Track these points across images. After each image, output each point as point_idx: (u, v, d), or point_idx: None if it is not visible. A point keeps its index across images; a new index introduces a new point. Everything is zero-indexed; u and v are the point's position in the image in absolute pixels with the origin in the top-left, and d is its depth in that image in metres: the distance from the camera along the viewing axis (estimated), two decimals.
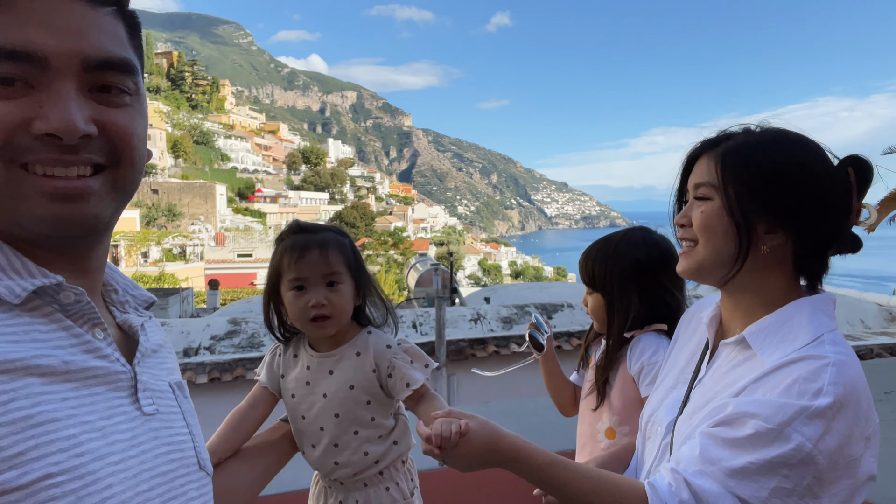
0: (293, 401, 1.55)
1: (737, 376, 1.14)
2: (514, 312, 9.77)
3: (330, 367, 1.52)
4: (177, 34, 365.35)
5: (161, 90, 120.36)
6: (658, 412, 1.33)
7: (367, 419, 1.51)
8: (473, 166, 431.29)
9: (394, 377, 1.50)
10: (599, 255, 1.83)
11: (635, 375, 1.72)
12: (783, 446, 0.98)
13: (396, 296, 32.52)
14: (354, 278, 1.52)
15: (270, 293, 1.55)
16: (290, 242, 1.50)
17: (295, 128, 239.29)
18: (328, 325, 1.47)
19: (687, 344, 1.40)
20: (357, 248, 1.59)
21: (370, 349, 1.52)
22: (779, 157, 1.14)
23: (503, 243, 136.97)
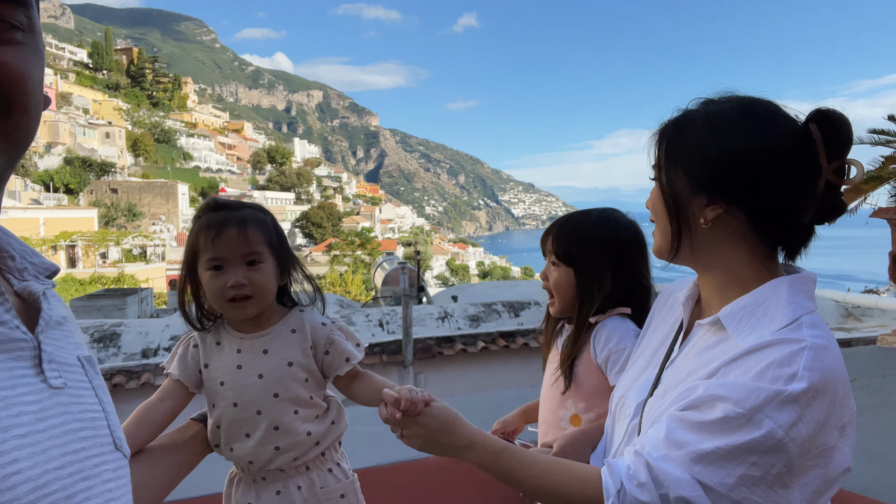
0: (222, 389, 1.46)
1: (710, 358, 1.10)
2: (482, 310, 9.74)
3: (264, 347, 1.46)
4: (137, 30, 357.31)
5: (121, 87, 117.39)
6: (629, 393, 1.29)
7: (307, 397, 1.46)
8: (441, 167, 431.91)
9: (331, 353, 1.47)
10: (578, 227, 1.73)
11: (602, 364, 1.64)
12: (753, 432, 0.93)
13: (364, 296, 32.30)
14: (277, 258, 1.47)
15: (187, 275, 1.47)
16: (207, 220, 1.43)
17: (260, 127, 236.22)
18: (248, 306, 1.42)
19: (662, 324, 1.36)
20: (280, 226, 1.53)
21: (306, 326, 1.48)
22: (714, 131, 1.10)
23: (471, 244, 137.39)
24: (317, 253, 68.64)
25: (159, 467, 1.40)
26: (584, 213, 1.78)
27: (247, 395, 1.44)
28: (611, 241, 1.70)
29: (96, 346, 8.05)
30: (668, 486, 0.98)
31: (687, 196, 1.12)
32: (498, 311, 9.69)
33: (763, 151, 1.07)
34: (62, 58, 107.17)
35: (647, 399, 1.21)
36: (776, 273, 1.13)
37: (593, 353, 1.65)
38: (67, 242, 35.84)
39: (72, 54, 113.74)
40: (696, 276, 1.26)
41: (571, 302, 1.72)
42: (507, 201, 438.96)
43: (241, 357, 1.46)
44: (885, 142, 4.12)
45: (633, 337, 1.57)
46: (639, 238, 1.74)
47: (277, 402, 1.44)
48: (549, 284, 1.74)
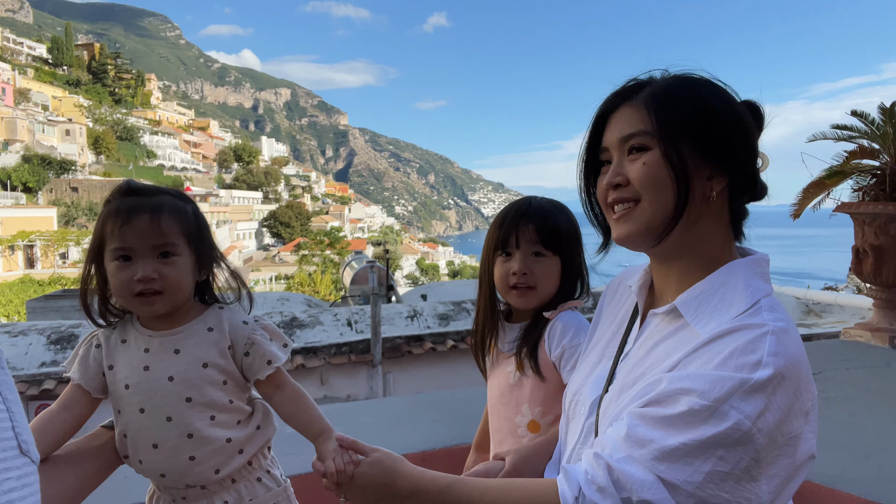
0: (128, 393, 1.31)
1: (669, 349, 1.04)
2: (451, 309, 9.70)
3: (175, 346, 1.32)
4: (99, 26, 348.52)
5: (82, 84, 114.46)
6: (582, 390, 1.22)
7: (225, 402, 1.33)
8: (411, 166, 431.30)
9: (252, 355, 1.35)
10: (560, 213, 1.65)
11: (556, 360, 1.56)
12: (719, 424, 0.88)
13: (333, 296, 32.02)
14: (195, 250, 1.34)
15: (91, 264, 1.33)
16: (116, 206, 1.29)
17: (226, 125, 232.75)
18: (158, 302, 1.28)
19: (612, 316, 1.30)
20: (202, 216, 1.39)
21: (224, 324, 1.35)
22: (707, 95, 1.06)
23: (441, 243, 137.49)
24: (285, 252, 67.88)
25: (63, 479, 1.27)
26: (548, 200, 1.69)
27: (155, 399, 1.30)
28: (576, 226, 1.66)
29: (53, 347, 7.77)
30: (630, 489, 0.92)
31: (694, 166, 1.04)
32: (467, 310, 9.65)
33: (745, 125, 1.05)
34: (20, 53, 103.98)
35: (602, 395, 1.14)
36: (733, 254, 1.10)
37: (547, 350, 1.57)
38: (25, 242, 34.76)
39: (30, 49, 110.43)
40: (646, 264, 1.20)
41: (554, 293, 1.62)
42: (476, 201, 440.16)
43: (148, 357, 1.32)
44: (847, 137, 4.18)
45: (587, 331, 1.49)
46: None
47: (190, 408, 1.30)
48: (532, 277, 1.60)
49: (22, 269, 33.62)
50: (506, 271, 1.61)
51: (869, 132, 4.14)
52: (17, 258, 33.98)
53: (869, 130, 4.13)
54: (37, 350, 7.68)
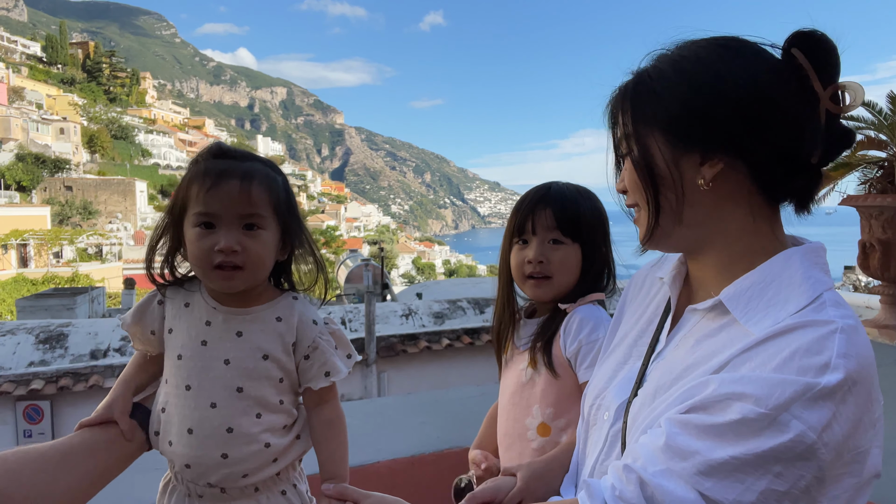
0: (178, 364, 1.22)
1: (714, 348, 0.91)
2: (446, 307, 9.58)
3: (239, 328, 1.22)
4: (94, 24, 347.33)
5: (76, 82, 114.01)
6: (606, 393, 1.08)
7: (276, 402, 1.23)
8: (407, 165, 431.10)
9: (312, 360, 1.23)
10: (583, 198, 1.53)
11: (571, 357, 1.43)
12: (778, 436, 0.75)
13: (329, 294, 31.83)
14: (282, 225, 1.22)
15: (168, 227, 1.23)
16: (205, 167, 1.19)
17: (222, 123, 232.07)
18: (237, 278, 1.17)
19: (640, 310, 1.17)
20: (292, 190, 1.28)
21: (294, 318, 1.24)
22: (692, 75, 0.93)
23: (437, 242, 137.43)
24: None
25: (77, 469, 1.17)
26: (572, 185, 1.57)
27: (205, 379, 1.20)
28: (602, 213, 1.55)
29: (42, 347, 7.63)
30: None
31: (674, 159, 0.93)
32: (463, 308, 9.54)
33: (755, 85, 0.89)
34: (14, 51, 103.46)
35: (630, 399, 1.01)
36: (784, 242, 0.95)
37: (563, 346, 1.44)
38: (19, 241, 34.55)
39: (25, 48, 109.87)
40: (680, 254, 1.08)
41: (573, 284, 1.51)
42: (473, 200, 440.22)
43: (209, 331, 1.22)
44: (853, 128, 4.07)
45: (607, 326, 1.35)
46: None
47: (240, 399, 1.20)
48: (548, 266, 1.49)
49: (15, 267, 33.41)
50: (521, 259, 1.51)
51: (876, 122, 4.03)
52: (10, 257, 33.76)
53: (876, 121, 4.03)
54: (25, 349, 7.53)
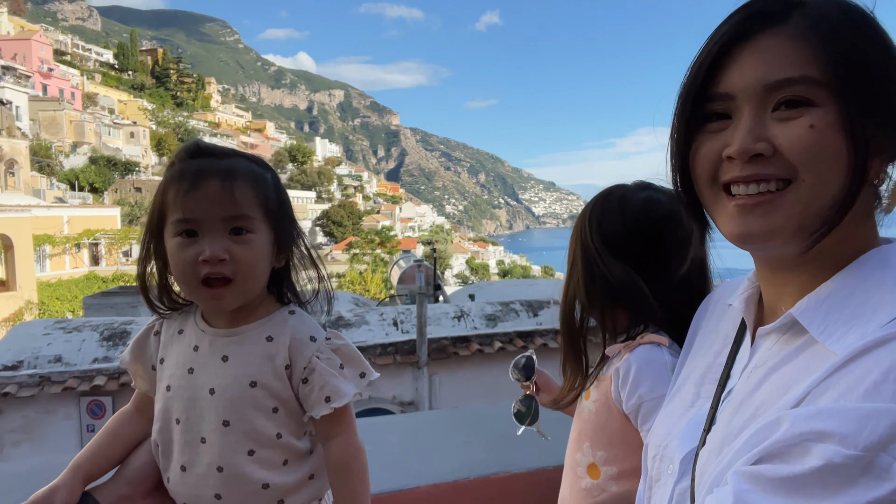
0: (168, 396, 1.09)
1: (788, 377, 0.73)
2: (499, 310, 9.43)
3: (225, 351, 1.07)
4: (162, 32, 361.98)
5: (146, 88, 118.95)
6: (670, 442, 0.90)
7: (271, 435, 1.07)
8: (461, 165, 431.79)
9: (311, 384, 1.07)
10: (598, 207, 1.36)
11: (630, 414, 1.22)
12: (877, 485, 0.58)
13: (383, 294, 32.13)
14: (274, 228, 1.07)
15: (149, 241, 1.09)
16: (180, 168, 1.04)
17: (282, 126, 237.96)
18: (227, 294, 1.03)
19: (707, 343, 0.98)
20: (283, 187, 1.13)
21: (286, 336, 1.08)
22: (883, 32, 0.74)
23: (491, 242, 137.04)
24: (337, 251, 68.80)
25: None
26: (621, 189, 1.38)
27: (192, 412, 1.06)
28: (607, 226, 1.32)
29: (106, 344, 7.89)
30: None
31: (870, 136, 0.72)
32: (516, 311, 9.38)
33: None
34: (89, 59, 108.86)
35: (698, 449, 0.82)
36: (874, 241, 0.78)
37: (615, 394, 1.24)
38: (91, 240, 36.14)
39: (98, 55, 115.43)
40: (748, 273, 0.91)
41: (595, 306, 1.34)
42: (527, 200, 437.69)
43: (196, 357, 1.08)
44: None
45: (670, 376, 1.11)
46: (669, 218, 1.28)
47: (227, 434, 1.05)
48: None
49: (87, 266, 35.02)
50: None
51: None
52: (82, 256, 35.41)
53: None
54: (90, 346, 7.81)
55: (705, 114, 0.78)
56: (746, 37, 0.75)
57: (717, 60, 0.76)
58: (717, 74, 0.76)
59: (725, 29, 0.76)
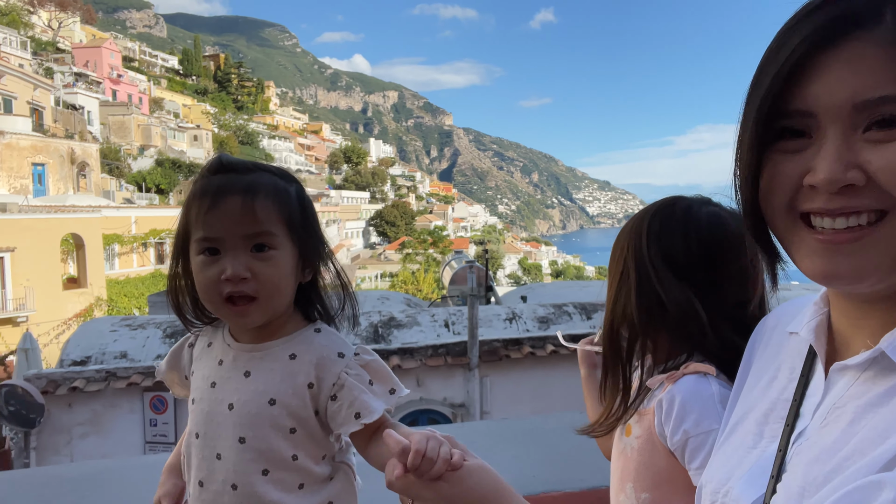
0: (192, 408, 1.10)
1: (881, 425, 0.63)
2: (552, 312, 9.29)
3: (247, 367, 1.06)
4: (224, 37, 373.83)
5: (208, 92, 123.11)
6: (731, 489, 0.78)
7: (286, 456, 1.04)
8: (514, 165, 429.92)
9: (339, 401, 1.04)
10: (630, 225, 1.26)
11: (676, 451, 1.10)
12: None
13: (435, 294, 32.29)
14: (298, 243, 1.06)
15: (177, 259, 1.09)
16: (202, 185, 1.04)
17: (337, 128, 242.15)
18: (251, 312, 1.02)
19: (768, 373, 0.85)
20: (309, 200, 1.12)
21: (313, 353, 1.06)
22: None
23: (544, 242, 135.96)
24: (390, 251, 69.53)
25: None
26: (649, 206, 1.28)
27: (211, 426, 1.06)
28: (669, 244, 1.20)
29: (168, 341, 8.16)
30: None
31: None
32: (569, 313, 9.22)
33: None
34: (155, 65, 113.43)
35: (767, 496, 0.73)
36: None
37: (658, 429, 1.12)
38: (156, 240, 37.58)
39: (164, 61, 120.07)
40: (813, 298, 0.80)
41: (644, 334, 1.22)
42: (581, 199, 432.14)
43: (219, 371, 1.08)
44: None
45: (721, 410, 1.01)
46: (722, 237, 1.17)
47: (242, 451, 1.03)
48: None
49: (153, 264, 36.45)
50: None
51: None
52: (149, 254, 36.89)
53: None
54: (153, 343, 8.09)
55: (778, 129, 0.66)
56: (831, 42, 0.62)
57: (794, 70, 0.63)
58: (794, 85, 0.63)
59: (806, 32, 0.63)
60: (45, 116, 40.35)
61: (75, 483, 2.02)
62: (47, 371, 7.48)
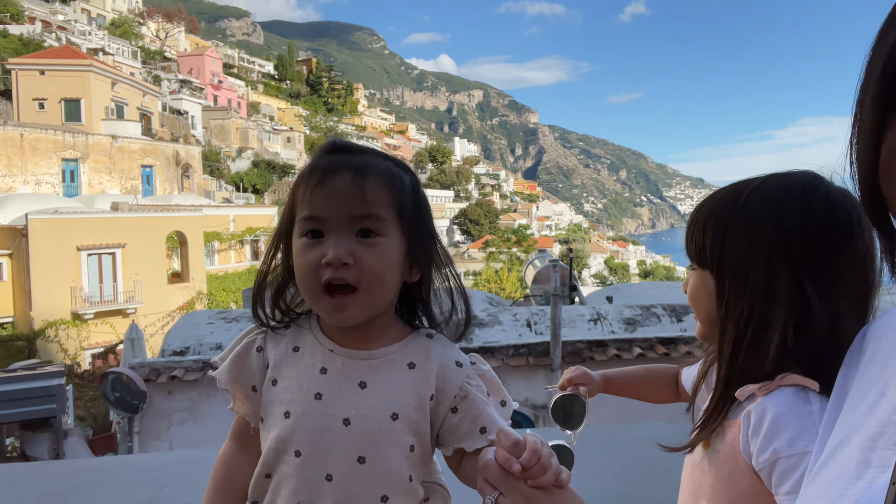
0: (285, 424, 0.94)
1: None
2: (639, 313, 8.96)
3: (363, 377, 0.94)
4: (316, 42, 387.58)
5: (301, 96, 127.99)
6: None
7: (405, 478, 0.93)
8: (601, 162, 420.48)
9: (461, 413, 0.94)
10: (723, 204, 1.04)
11: (762, 471, 0.93)
12: None
13: (518, 293, 32.04)
14: (408, 235, 0.95)
15: (277, 243, 1.00)
16: (312, 164, 0.96)
17: (423, 127, 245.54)
18: (350, 305, 0.91)
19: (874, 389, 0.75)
20: (423, 193, 1.01)
21: (432, 363, 0.96)
22: None
23: (632, 241, 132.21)
24: (473, 249, 69.70)
25: None
26: (734, 185, 1.07)
27: (319, 444, 0.92)
28: (788, 225, 0.97)
29: None
30: None
31: None
32: (657, 315, 8.85)
33: None
34: (252, 71, 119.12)
35: None
36: None
37: (743, 445, 0.96)
38: (252, 237, 39.43)
39: (260, 67, 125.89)
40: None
41: (714, 325, 1.06)
42: (672, 197, 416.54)
43: (325, 381, 0.94)
44: None
45: (817, 429, 0.85)
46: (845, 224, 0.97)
47: (361, 473, 0.91)
48: (688, 295, 1.13)
49: (249, 260, 38.28)
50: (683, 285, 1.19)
51: None
52: (245, 251, 38.77)
53: None
54: None
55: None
56: None
57: None
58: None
59: None
60: (153, 121, 43.32)
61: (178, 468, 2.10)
62: (150, 360, 7.96)
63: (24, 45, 45.37)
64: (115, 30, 68.58)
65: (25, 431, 8.57)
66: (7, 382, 8.47)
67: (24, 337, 22.46)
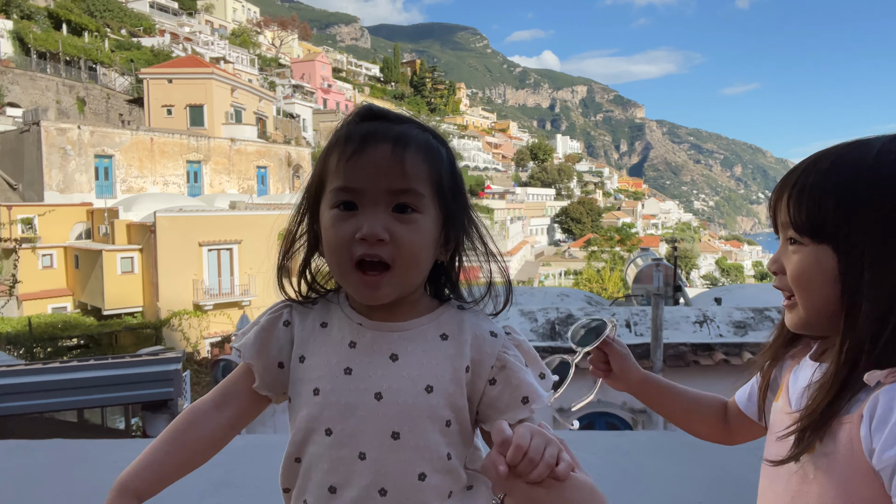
0: (315, 402, 0.90)
1: None
2: (750, 316, 8.36)
3: (393, 349, 0.90)
4: (421, 44, 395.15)
5: (405, 97, 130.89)
6: None
7: (443, 455, 0.88)
8: (713, 158, 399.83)
9: (500, 384, 0.89)
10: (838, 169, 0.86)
11: (885, 472, 0.76)
12: None
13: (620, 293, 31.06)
14: (444, 211, 0.91)
15: (303, 213, 0.95)
16: (347, 131, 0.90)
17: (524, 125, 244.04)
18: (383, 283, 0.87)
19: None
20: (458, 166, 0.96)
21: (466, 333, 0.91)
22: None
23: (747, 241, 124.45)
24: (574, 248, 68.35)
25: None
26: (853, 145, 0.89)
27: (351, 420, 0.88)
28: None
29: None
30: None
31: None
32: (771, 318, 8.23)
33: None
34: (359, 74, 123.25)
35: None
36: None
37: (865, 441, 0.79)
38: None
39: (367, 70, 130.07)
40: None
41: (827, 309, 0.87)
42: None
43: (354, 356, 0.90)
44: None
45: None
46: None
47: (396, 450, 0.87)
48: (786, 278, 0.92)
49: None
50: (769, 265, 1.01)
51: None
52: None
53: None
54: None
55: None
56: None
57: None
58: None
59: None
60: (268, 124, 45.89)
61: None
62: None
63: (154, 55, 49.54)
64: (235, 39, 73.24)
65: (147, 412, 9.31)
66: (133, 366, 9.24)
67: (152, 325, 24.50)
